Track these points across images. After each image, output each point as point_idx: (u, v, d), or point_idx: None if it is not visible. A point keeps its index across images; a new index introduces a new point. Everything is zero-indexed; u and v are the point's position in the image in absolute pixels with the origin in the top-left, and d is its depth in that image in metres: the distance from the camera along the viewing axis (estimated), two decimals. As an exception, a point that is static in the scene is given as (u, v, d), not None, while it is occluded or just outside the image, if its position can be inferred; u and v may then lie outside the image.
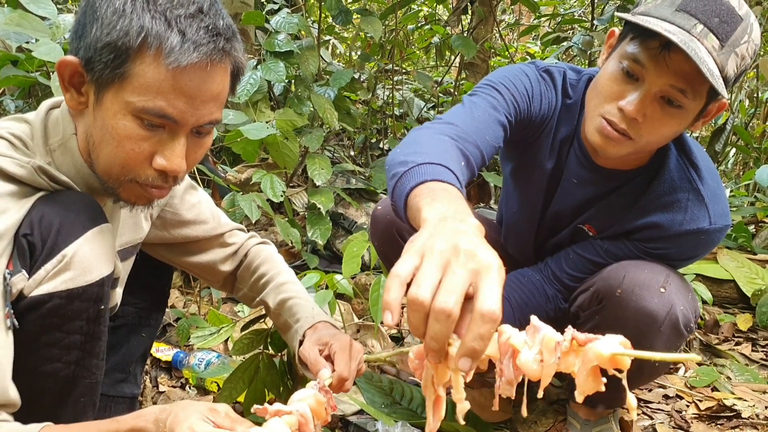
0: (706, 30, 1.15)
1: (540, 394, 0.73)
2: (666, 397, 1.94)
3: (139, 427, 0.89)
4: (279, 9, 2.68)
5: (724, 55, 1.17)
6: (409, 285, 0.72)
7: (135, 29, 0.91)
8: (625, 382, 0.70)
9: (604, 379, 0.72)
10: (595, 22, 3.79)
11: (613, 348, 0.70)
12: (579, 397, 0.74)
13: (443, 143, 1.16)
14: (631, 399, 0.71)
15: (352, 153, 4.20)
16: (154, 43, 0.92)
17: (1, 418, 0.91)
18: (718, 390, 1.97)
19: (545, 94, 1.41)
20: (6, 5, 1.95)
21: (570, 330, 0.74)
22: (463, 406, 0.76)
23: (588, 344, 0.72)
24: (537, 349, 0.75)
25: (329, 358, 1.18)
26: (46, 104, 1.08)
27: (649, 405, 1.89)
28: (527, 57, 5.77)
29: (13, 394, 0.93)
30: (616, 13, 1.35)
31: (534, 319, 0.78)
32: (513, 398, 0.78)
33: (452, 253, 0.72)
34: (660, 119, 1.22)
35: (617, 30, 1.30)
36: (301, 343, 1.27)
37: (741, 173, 5.03)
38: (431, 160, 1.03)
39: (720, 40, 1.16)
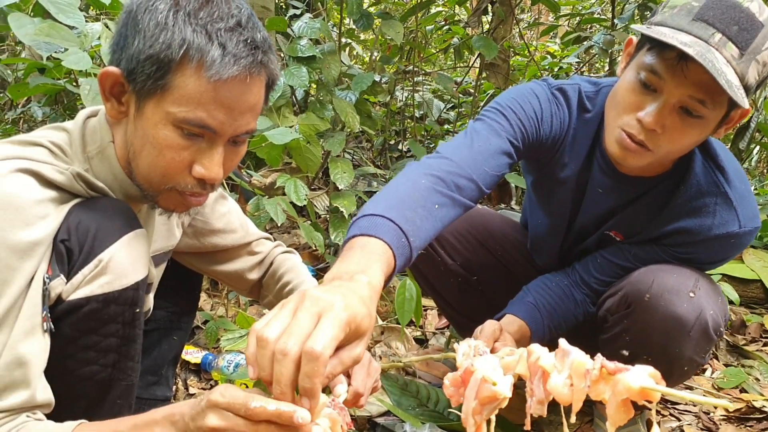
0: (724, 39, 1.13)
1: (573, 419, 0.74)
2: (693, 398, 1.92)
3: (174, 412, 0.86)
4: (301, 14, 2.70)
5: (744, 64, 1.14)
6: None
7: (177, 42, 0.94)
8: (653, 413, 0.71)
9: None
10: (615, 20, 3.75)
11: (642, 381, 0.70)
12: (611, 429, 0.75)
13: (417, 188, 1.15)
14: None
15: (371, 155, 4.21)
16: (196, 55, 0.94)
17: (36, 417, 0.94)
18: (746, 391, 1.96)
19: (556, 114, 1.40)
20: (34, 15, 1.98)
21: (599, 358, 0.75)
22: None
23: (617, 374, 0.72)
24: (567, 374, 0.76)
25: (346, 372, 1.20)
26: (83, 113, 1.10)
27: (677, 406, 1.87)
28: (547, 56, 5.75)
29: (49, 394, 0.95)
30: (631, 26, 1.33)
31: (563, 342, 0.79)
32: (545, 415, 0.79)
33: (300, 301, 0.78)
34: (680, 130, 1.20)
35: (635, 38, 1.28)
36: None
37: (765, 171, 4.96)
38: (377, 212, 1.05)
39: (739, 48, 1.13)
